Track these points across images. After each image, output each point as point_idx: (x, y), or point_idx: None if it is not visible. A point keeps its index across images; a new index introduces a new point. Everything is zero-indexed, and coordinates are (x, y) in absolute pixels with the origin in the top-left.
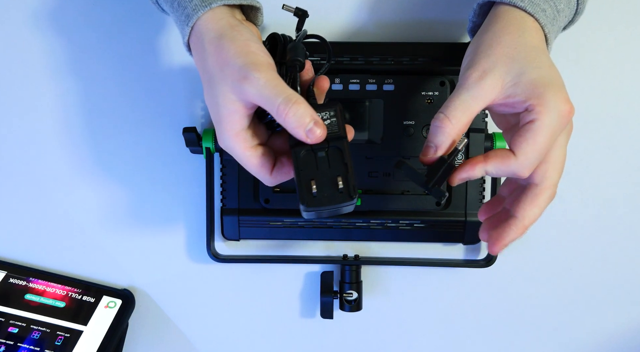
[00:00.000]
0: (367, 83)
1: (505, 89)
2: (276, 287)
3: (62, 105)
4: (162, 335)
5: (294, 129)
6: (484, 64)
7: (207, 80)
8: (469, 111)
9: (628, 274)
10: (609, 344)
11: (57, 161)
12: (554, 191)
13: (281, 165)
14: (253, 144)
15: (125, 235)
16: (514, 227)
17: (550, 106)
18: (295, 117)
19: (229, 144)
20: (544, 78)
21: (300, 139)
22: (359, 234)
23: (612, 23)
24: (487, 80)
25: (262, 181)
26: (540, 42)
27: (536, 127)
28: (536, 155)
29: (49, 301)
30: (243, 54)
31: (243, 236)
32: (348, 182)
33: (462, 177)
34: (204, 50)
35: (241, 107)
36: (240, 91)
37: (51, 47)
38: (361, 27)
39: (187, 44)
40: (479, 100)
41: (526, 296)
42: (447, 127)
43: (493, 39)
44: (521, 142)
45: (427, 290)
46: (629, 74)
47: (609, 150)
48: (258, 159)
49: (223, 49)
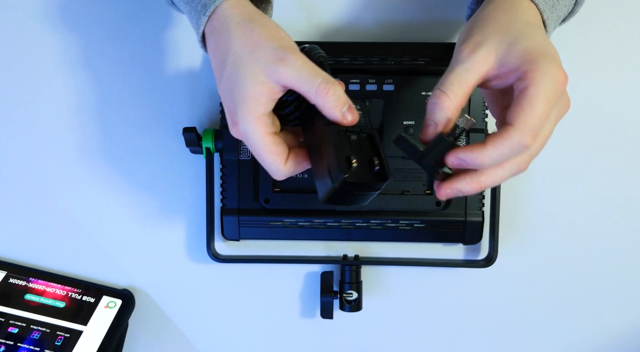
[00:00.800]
0: (367, 83)
1: (499, 58)
2: (276, 287)
3: (61, 106)
4: (162, 335)
5: (332, 108)
6: (477, 38)
7: (231, 63)
8: (465, 84)
9: (628, 274)
10: (609, 344)
11: (57, 161)
12: (526, 161)
13: (295, 156)
14: (272, 131)
15: (125, 235)
16: (467, 178)
17: (544, 72)
18: (335, 96)
19: (249, 128)
20: (537, 47)
21: (336, 119)
22: (359, 234)
23: (611, 22)
24: (481, 52)
25: (273, 173)
26: (536, 20)
27: (531, 93)
28: (536, 122)
29: (49, 301)
30: (276, 37)
31: (243, 236)
32: (383, 162)
33: (460, 157)
34: (229, 33)
35: (270, 89)
36: (274, 72)
37: (51, 48)
38: (361, 27)
39: (202, 36)
40: (474, 72)
41: (526, 296)
42: (445, 102)
43: (487, 15)
44: (517, 111)
45: (427, 290)
46: (629, 74)
47: (609, 150)
48: (276, 146)
49: (254, 32)
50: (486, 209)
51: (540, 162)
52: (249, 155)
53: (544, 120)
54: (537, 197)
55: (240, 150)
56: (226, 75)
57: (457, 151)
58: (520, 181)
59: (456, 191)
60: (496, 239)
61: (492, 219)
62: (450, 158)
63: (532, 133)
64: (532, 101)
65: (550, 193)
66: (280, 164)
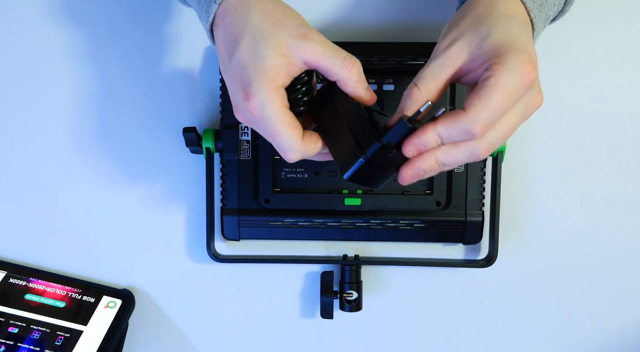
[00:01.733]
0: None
1: (471, 53)
2: (276, 287)
3: (61, 106)
4: (162, 335)
5: (356, 82)
6: (453, 34)
7: (250, 35)
8: (437, 78)
9: (628, 274)
10: (609, 344)
11: (57, 161)
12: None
13: (309, 136)
14: (287, 105)
15: (125, 235)
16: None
17: (508, 65)
18: (359, 71)
19: (267, 98)
20: (508, 40)
21: (359, 94)
22: (359, 234)
23: (612, 22)
24: (454, 48)
25: (290, 150)
26: (515, 13)
27: (490, 84)
28: (489, 113)
29: (49, 301)
30: (297, 17)
31: (243, 236)
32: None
33: (415, 142)
34: (250, 8)
35: (290, 63)
36: (298, 47)
37: (51, 47)
38: (361, 27)
39: (211, 23)
40: (446, 67)
41: (526, 295)
42: (414, 93)
43: (466, 10)
44: (473, 98)
45: (427, 290)
46: (628, 74)
47: (609, 150)
48: (292, 119)
49: (275, 10)
50: (486, 209)
51: (540, 162)
52: (249, 155)
53: (498, 112)
54: (537, 197)
55: (241, 150)
56: (242, 49)
57: (413, 137)
58: (520, 180)
59: (416, 171)
60: (496, 239)
61: (492, 219)
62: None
63: (482, 123)
64: (489, 92)
65: (550, 193)
66: (297, 139)
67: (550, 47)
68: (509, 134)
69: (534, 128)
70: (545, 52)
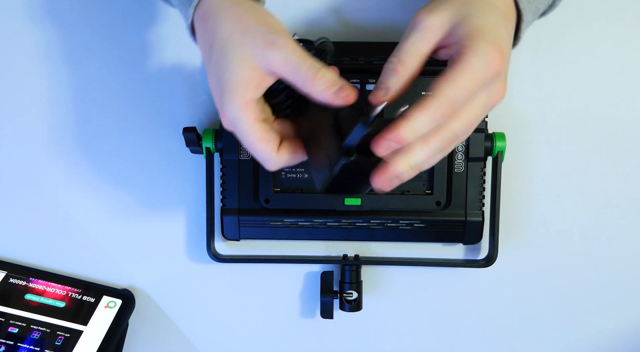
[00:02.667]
0: (367, 83)
1: (451, 27)
2: (276, 287)
3: (61, 105)
4: (162, 335)
5: (322, 92)
6: (437, 7)
7: (219, 48)
8: (419, 53)
9: (628, 274)
10: (609, 344)
11: (57, 161)
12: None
13: (289, 145)
14: (261, 118)
15: (125, 235)
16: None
17: (477, 51)
18: (323, 79)
19: (237, 114)
20: (484, 27)
21: (329, 102)
22: (359, 234)
23: (611, 22)
24: (436, 21)
25: (265, 162)
26: (502, 4)
27: (458, 67)
28: (456, 94)
29: (49, 301)
30: (266, 23)
31: (243, 236)
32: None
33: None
34: (217, 18)
35: (259, 75)
36: (264, 57)
37: (50, 47)
38: (361, 27)
39: (191, 26)
40: (428, 41)
41: (526, 296)
42: (399, 70)
43: None
44: (440, 81)
45: (427, 290)
46: (628, 74)
47: (609, 150)
48: (265, 132)
49: (243, 16)
50: (486, 209)
51: (540, 162)
52: (249, 156)
53: (464, 96)
54: (537, 197)
55: (241, 150)
56: (214, 61)
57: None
58: (520, 180)
59: (391, 175)
60: (496, 239)
61: (492, 219)
62: (377, 140)
63: (451, 104)
64: (456, 74)
65: (550, 193)
66: (271, 152)
67: (550, 47)
68: (472, 125)
69: (534, 128)
70: (545, 52)
